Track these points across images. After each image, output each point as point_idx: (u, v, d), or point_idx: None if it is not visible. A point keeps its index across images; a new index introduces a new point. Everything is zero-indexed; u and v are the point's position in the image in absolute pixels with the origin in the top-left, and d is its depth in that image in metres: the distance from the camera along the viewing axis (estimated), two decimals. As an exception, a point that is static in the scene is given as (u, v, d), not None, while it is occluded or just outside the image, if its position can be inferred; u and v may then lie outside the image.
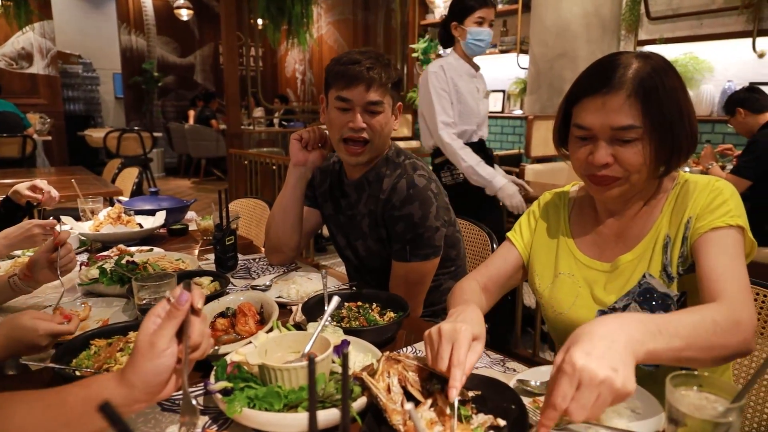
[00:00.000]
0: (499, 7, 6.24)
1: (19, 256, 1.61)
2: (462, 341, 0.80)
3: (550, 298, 1.08)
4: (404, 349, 1.08)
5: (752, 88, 3.17)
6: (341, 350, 0.94)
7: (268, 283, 1.43)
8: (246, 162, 5.08)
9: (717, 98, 4.64)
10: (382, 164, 1.47)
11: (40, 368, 0.96)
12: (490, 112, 6.46)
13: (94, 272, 1.35)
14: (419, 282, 1.44)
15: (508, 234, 1.18)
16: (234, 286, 1.44)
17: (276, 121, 9.03)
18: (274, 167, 4.61)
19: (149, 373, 0.68)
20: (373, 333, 1.05)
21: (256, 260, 1.69)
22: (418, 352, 1.06)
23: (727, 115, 3.31)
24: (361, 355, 0.96)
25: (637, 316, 0.71)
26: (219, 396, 0.80)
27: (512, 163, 5.30)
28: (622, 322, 0.68)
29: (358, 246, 1.52)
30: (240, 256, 1.70)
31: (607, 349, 0.64)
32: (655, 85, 0.91)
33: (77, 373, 0.90)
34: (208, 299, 1.20)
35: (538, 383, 0.88)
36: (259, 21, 7.79)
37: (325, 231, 5.09)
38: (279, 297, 1.34)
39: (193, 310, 0.73)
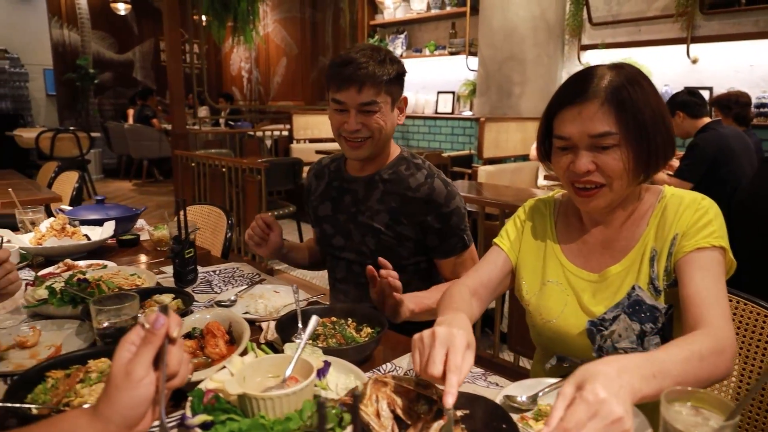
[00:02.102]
0: (448, 9, 6.32)
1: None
2: (458, 346, 0.78)
3: (538, 305, 1.08)
4: (383, 366, 1.05)
5: (692, 92, 3.33)
6: (323, 374, 0.90)
7: (233, 298, 1.36)
8: (193, 164, 4.89)
9: (655, 101, 4.87)
10: (398, 163, 1.50)
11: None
12: (441, 113, 6.57)
13: (42, 292, 1.24)
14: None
15: (495, 240, 1.18)
16: (197, 302, 1.37)
17: (222, 120, 8.78)
18: (224, 169, 4.47)
19: (126, 405, 0.63)
20: (354, 352, 1.01)
21: (217, 272, 1.62)
22: (398, 368, 1.04)
23: (667, 117, 3.47)
24: (343, 377, 0.93)
25: (636, 360, 0.71)
26: (198, 431, 0.75)
27: (464, 164, 5.39)
28: (623, 366, 0.69)
29: (367, 242, 1.49)
30: (199, 269, 1.63)
31: (620, 391, 0.65)
32: (628, 94, 0.95)
33: (34, 411, 0.82)
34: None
35: (524, 398, 0.87)
36: (203, 17, 7.55)
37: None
38: (246, 313, 1.28)
39: (169, 339, 0.68)
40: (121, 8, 8.86)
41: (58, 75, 8.94)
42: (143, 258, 1.80)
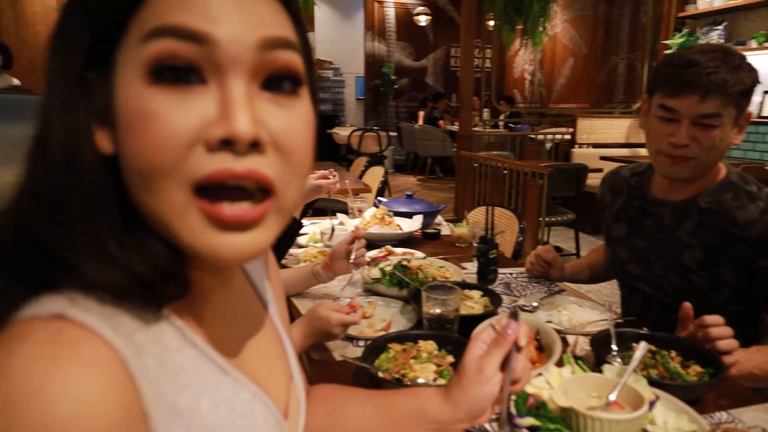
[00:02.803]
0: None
1: (305, 246, 1.86)
2: None
3: None
4: (716, 414, 0.92)
5: None
6: (651, 406, 0.84)
7: (534, 305, 1.38)
8: (476, 165, 5.12)
9: None
10: (723, 189, 1.27)
11: (340, 360, 1.08)
12: (766, 117, 5.44)
13: (375, 272, 1.47)
14: None
15: None
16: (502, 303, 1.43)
17: (501, 123, 8.97)
18: (505, 171, 4.56)
19: (475, 397, 0.69)
20: (681, 390, 0.91)
21: (514, 275, 1.66)
22: (737, 422, 0.90)
23: None
24: (673, 415, 0.85)
25: None
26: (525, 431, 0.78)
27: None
28: None
29: (671, 278, 1.32)
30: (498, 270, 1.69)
31: None
32: None
33: (380, 374, 0.97)
34: (482, 317, 1.21)
35: None
36: (491, 22, 7.80)
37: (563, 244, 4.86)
38: (549, 322, 1.28)
39: (516, 347, 0.72)
40: (422, 20, 9.81)
41: (366, 82, 10.42)
42: (441, 251, 1.96)
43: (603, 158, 5.25)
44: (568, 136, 6.65)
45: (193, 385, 0.45)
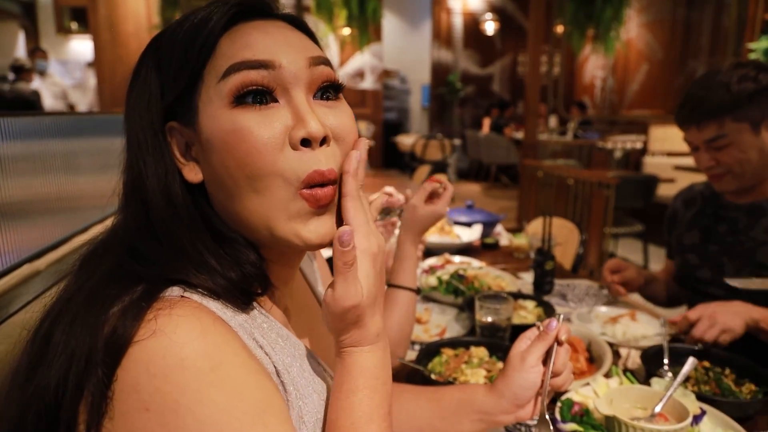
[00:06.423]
0: None
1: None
2: None
3: None
4: (769, 433, 0.92)
5: None
6: (697, 421, 0.86)
7: (589, 316, 1.40)
8: (540, 174, 5.06)
9: None
10: None
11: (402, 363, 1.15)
12: None
13: (432, 281, 1.53)
14: None
15: None
16: (558, 313, 1.45)
17: (570, 130, 8.75)
18: (570, 181, 4.48)
19: (518, 385, 0.75)
20: (730, 407, 0.92)
21: (571, 287, 1.68)
22: (791, 442, 0.90)
23: None
24: (720, 430, 0.86)
25: None
26: (568, 437, 0.83)
27: None
28: None
29: (743, 277, 1.33)
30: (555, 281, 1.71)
31: None
32: None
33: (432, 376, 1.04)
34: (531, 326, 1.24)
35: None
36: (560, 28, 7.65)
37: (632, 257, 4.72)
38: (603, 334, 1.30)
39: (558, 342, 0.78)
40: (490, 28, 9.76)
41: (432, 90, 10.49)
42: (500, 261, 1.99)
43: (678, 168, 5.04)
44: (639, 145, 6.42)
45: (285, 352, 0.56)
